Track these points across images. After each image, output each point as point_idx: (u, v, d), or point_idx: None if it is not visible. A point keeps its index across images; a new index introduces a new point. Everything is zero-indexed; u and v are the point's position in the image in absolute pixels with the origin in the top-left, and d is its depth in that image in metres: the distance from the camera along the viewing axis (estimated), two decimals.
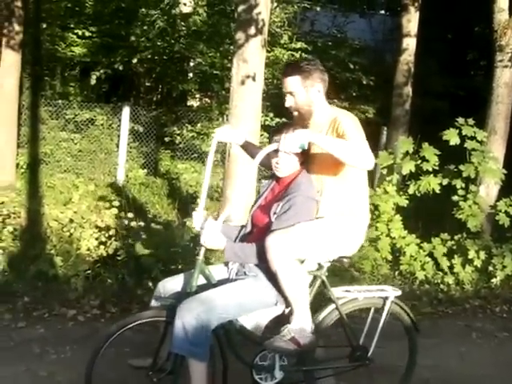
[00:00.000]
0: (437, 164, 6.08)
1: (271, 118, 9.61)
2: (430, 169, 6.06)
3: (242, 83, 5.76)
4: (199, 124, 9.84)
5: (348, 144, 2.69)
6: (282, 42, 10.56)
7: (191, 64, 11.16)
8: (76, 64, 11.41)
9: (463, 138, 6.08)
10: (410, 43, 9.16)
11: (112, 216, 5.57)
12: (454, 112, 6.94)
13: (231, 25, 8.97)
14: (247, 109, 5.82)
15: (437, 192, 6.03)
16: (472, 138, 6.11)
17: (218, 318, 2.73)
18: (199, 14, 10.49)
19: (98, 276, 4.98)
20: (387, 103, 9.64)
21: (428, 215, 6.57)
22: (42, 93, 9.74)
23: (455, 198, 6.13)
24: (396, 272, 6.07)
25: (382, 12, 16.74)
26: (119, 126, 9.06)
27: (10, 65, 7.44)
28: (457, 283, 5.99)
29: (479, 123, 6.37)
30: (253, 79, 5.73)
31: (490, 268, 6.07)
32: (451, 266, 6.00)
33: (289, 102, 2.97)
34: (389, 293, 3.20)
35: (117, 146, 9.13)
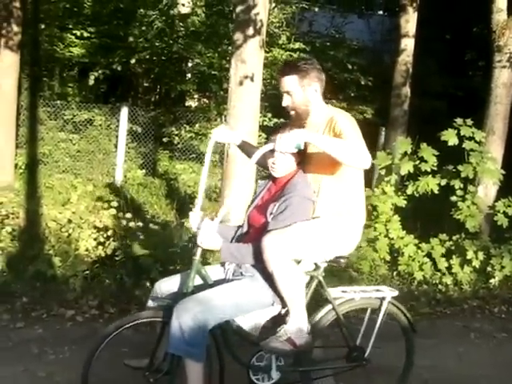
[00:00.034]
0: (435, 164, 6.08)
1: (269, 119, 9.62)
2: (429, 169, 6.06)
3: (240, 84, 5.75)
4: (197, 124, 9.82)
5: (345, 143, 2.68)
6: (281, 43, 10.54)
7: (189, 64, 11.16)
8: (74, 64, 11.39)
9: (461, 139, 6.09)
10: (408, 44, 9.17)
11: (110, 216, 5.57)
12: (453, 112, 6.92)
13: (229, 25, 8.96)
14: (245, 109, 5.81)
15: (435, 192, 6.04)
16: (470, 139, 6.12)
17: (215, 319, 2.73)
18: (197, 15, 10.48)
19: (97, 276, 4.98)
20: (385, 104, 9.64)
21: (426, 216, 6.56)
22: (41, 93, 9.73)
23: (453, 199, 6.13)
24: (394, 272, 6.07)
25: (380, 12, 16.78)
26: (117, 127, 9.04)
27: (9, 65, 7.42)
28: (455, 284, 5.99)
29: (477, 123, 6.38)
30: (251, 80, 5.73)
31: (489, 268, 6.08)
32: (449, 267, 6.00)
33: (286, 102, 2.96)
34: (386, 293, 3.20)
35: (115, 147, 9.10)
